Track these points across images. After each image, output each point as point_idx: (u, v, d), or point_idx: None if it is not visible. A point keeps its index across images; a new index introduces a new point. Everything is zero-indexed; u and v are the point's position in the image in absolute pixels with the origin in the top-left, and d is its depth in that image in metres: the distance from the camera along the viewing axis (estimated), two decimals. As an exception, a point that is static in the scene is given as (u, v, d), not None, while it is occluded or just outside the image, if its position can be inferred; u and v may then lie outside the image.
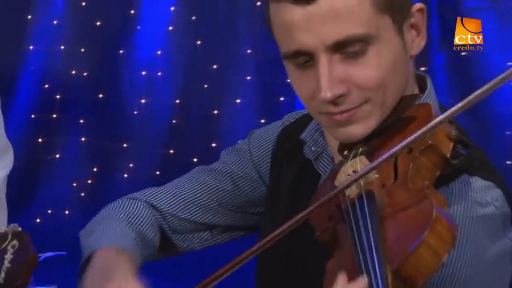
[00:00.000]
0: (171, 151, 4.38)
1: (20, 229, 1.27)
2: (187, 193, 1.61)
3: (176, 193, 1.61)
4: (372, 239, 1.10)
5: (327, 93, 1.29)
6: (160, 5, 4.85)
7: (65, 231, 4.36)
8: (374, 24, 1.34)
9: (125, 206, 1.56)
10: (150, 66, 4.52)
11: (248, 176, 1.67)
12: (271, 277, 1.61)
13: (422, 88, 1.48)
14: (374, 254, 1.06)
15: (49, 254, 3.91)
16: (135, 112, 4.53)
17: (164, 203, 1.59)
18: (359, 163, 1.30)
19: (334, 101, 1.31)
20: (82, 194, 4.56)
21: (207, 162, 4.00)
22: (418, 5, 1.41)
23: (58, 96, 4.71)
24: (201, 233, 1.62)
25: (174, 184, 1.62)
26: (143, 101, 4.45)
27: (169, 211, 1.59)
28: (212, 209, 1.62)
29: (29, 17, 4.97)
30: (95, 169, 4.73)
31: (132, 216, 1.52)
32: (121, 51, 4.76)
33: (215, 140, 4.34)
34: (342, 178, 1.29)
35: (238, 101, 4.37)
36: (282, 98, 4.41)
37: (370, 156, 1.31)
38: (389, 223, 1.16)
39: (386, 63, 1.37)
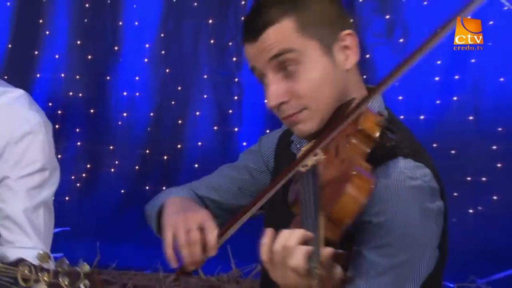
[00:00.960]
0: (147, 151, 4.99)
1: (88, 268, 1.62)
2: (217, 183, 2.10)
3: (210, 183, 2.10)
4: (312, 197, 1.49)
5: (271, 103, 1.69)
6: (138, 42, 5.28)
7: (65, 213, 4.88)
8: (299, 45, 1.68)
9: (174, 190, 1.98)
10: (130, 88, 5.12)
11: (260, 169, 2.11)
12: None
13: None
14: (313, 207, 1.46)
15: (56, 230, 4.03)
16: (119, 123, 5.15)
17: (202, 190, 2.07)
18: (306, 146, 1.70)
19: (279, 108, 1.70)
20: (78, 185, 5.13)
21: (174, 160, 4.78)
22: (347, 31, 1.71)
23: (59, 112, 5.31)
24: (227, 215, 2.01)
25: (209, 178, 2.09)
26: (125, 114, 5.11)
27: (205, 195, 2.04)
28: (235, 193, 2.07)
29: (36, 52, 5.48)
30: (88, 166, 5.24)
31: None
32: (108, 77, 5.29)
33: (180, 143, 4.99)
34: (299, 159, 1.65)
35: (197, 113, 4.95)
36: (230, 111, 4.96)
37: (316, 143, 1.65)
38: (327, 184, 1.54)
39: (314, 78, 1.69)
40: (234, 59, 5.04)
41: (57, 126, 5.05)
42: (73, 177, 5.12)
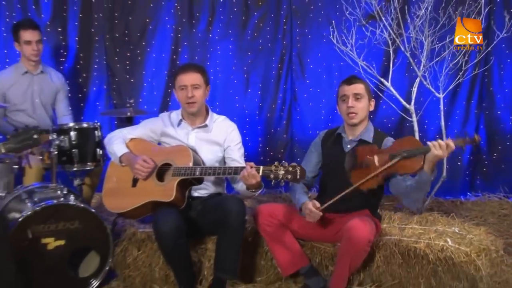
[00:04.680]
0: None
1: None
2: (304, 165, 3.35)
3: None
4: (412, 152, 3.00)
5: (350, 105, 3.28)
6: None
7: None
8: (363, 93, 3.29)
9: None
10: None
11: (318, 154, 3.56)
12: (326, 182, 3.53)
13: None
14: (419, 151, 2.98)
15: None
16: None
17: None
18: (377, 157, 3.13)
19: (350, 109, 3.29)
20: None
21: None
22: (372, 98, 3.39)
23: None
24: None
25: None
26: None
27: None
28: (313, 170, 3.55)
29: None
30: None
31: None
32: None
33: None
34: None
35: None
36: (244, 131, 5.55)
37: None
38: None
39: (363, 105, 3.33)
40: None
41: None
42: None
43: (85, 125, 4.11)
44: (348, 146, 3.42)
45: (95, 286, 3.58)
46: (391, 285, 3.43)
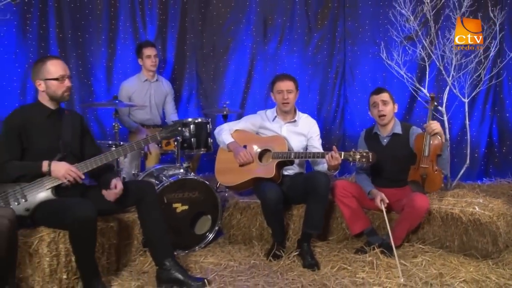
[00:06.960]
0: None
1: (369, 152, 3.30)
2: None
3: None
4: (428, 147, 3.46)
5: (380, 109, 3.64)
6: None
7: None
8: (390, 100, 3.67)
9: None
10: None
11: (362, 145, 3.80)
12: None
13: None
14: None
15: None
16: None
17: None
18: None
19: (381, 112, 3.66)
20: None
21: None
22: (396, 104, 3.69)
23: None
24: None
25: None
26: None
27: None
28: None
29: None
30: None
31: None
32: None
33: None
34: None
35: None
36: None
37: None
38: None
39: (390, 108, 3.68)
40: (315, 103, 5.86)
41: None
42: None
43: (200, 120, 4.50)
44: (385, 140, 3.74)
45: (210, 238, 3.96)
46: (433, 242, 3.73)
